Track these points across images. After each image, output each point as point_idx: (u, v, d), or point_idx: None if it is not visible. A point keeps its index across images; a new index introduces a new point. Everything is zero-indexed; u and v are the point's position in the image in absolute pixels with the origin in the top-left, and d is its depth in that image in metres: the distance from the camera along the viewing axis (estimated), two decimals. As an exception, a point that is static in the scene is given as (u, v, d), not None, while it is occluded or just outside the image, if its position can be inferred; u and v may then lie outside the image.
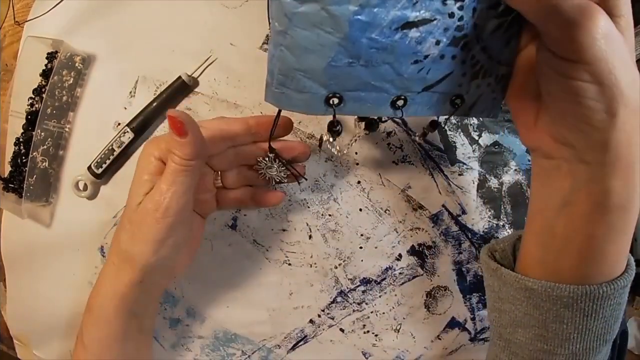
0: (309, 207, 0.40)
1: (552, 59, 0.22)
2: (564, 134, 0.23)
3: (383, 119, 0.36)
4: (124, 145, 0.39)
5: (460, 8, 0.24)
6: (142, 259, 0.29)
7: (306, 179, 0.35)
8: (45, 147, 0.40)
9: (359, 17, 0.22)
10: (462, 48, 0.25)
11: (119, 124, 0.40)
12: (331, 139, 0.29)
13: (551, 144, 0.25)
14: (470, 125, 0.42)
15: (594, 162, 0.23)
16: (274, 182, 0.34)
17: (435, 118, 0.32)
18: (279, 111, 0.30)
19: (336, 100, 0.25)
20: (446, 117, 0.28)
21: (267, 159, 0.32)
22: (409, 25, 0.23)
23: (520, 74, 0.27)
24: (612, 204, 0.23)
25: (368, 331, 0.42)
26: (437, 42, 0.24)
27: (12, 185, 0.40)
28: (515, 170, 0.43)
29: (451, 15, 0.24)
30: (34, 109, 0.40)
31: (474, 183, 0.42)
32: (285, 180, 0.34)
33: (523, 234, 0.29)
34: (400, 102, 0.26)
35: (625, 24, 0.22)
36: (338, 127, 0.29)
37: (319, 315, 0.42)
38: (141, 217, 0.28)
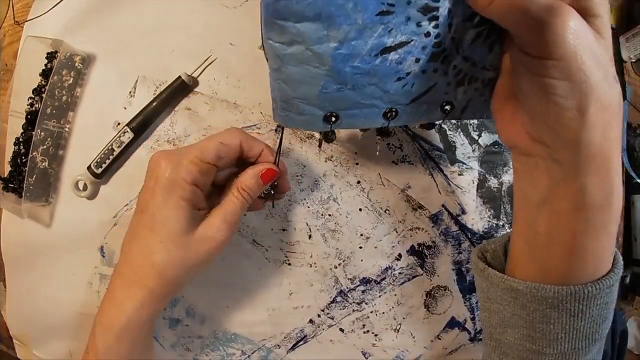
0: (309, 207, 0.40)
1: (525, 58, 0.22)
2: (539, 133, 0.24)
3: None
4: (124, 145, 0.39)
5: (436, 27, 0.25)
6: (178, 282, 0.30)
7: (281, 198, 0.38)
8: (45, 147, 0.40)
9: (339, 51, 0.24)
10: (443, 62, 0.26)
11: (119, 124, 0.40)
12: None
13: (528, 142, 0.25)
14: (470, 125, 0.42)
15: (566, 162, 0.23)
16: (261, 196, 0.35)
17: None
18: (283, 130, 0.34)
19: (334, 119, 0.28)
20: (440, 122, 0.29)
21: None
22: (387, 50, 0.25)
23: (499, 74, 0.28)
24: (588, 202, 0.23)
25: (368, 331, 0.42)
26: (417, 60, 0.26)
27: (12, 185, 0.40)
28: (515, 170, 0.43)
29: (427, 34, 0.25)
30: (34, 109, 0.40)
31: (474, 183, 0.42)
32: (264, 196, 0.36)
33: (511, 234, 0.29)
34: (391, 114, 0.28)
35: (602, 24, 0.22)
36: (332, 136, 0.32)
37: (319, 316, 0.42)
38: (197, 248, 0.30)
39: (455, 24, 0.25)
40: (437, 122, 0.32)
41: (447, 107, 0.28)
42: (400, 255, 0.41)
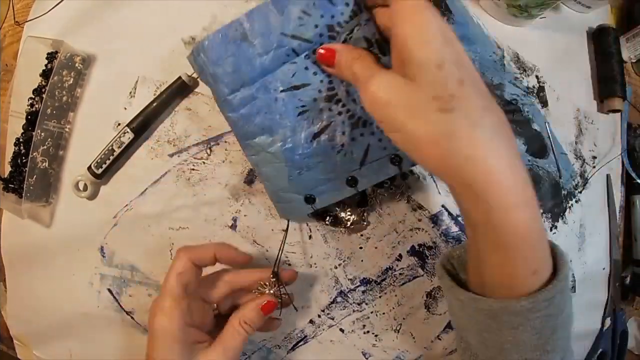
0: (309, 207, 0.40)
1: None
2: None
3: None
4: (124, 146, 0.39)
5: (343, 105, 0.32)
6: None
7: (296, 309, 0.38)
8: (45, 147, 0.40)
9: (285, 147, 0.33)
10: (364, 125, 0.32)
11: (119, 124, 0.40)
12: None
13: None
14: (470, 125, 0.42)
15: (448, 185, 0.24)
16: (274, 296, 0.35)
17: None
18: (288, 222, 0.38)
19: (312, 199, 0.35)
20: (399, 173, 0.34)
21: (268, 283, 0.35)
22: (317, 135, 0.33)
23: None
24: (471, 222, 0.24)
25: (368, 331, 0.42)
26: (343, 133, 0.33)
27: (12, 186, 0.40)
28: (515, 170, 0.43)
29: (340, 113, 0.32)
30: (34, 109, 0.40)
31: (474, 183, 0.42)
32: (280, 301, 0.35)
33: None
34: (352, 181, 0.34)
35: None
36: (328, 219, 0.38)
37: (319, 316, 0.42)
38: None
39: (357, 97, 0.31)
40: (399, 172, 0.34)
41: (396, 159, 0.33)
42: (400, 256, 0.41)
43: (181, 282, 0.31)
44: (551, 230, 0.44)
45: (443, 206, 0.41)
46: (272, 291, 0.35)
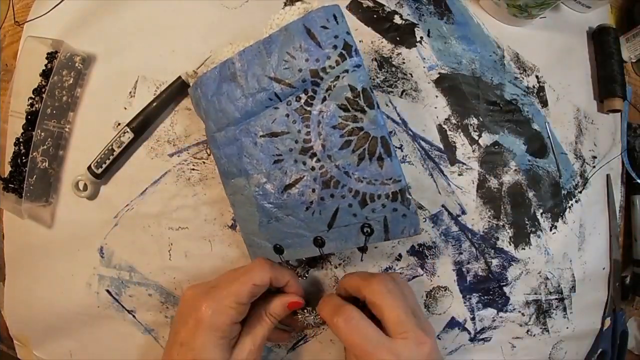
0: (308, 207, 0.40)
1: None
2: None
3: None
4: (123, 145, 0.39)
5: (318, 160, 0.31)
6: None
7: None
8: (45, 147, 0.40)
9: (257, 193, 0.33)
10: (335, 186, 0.31)
11: (119, 124, 0.40)
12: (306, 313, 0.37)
13: None
14: (470, 125, 0.42)
15: None
16: (309, 327, 0.38)
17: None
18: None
19: (281, 251, 0.34)
20: (364, 245, 0.32)
21: (308, 309, 0.37)
22: (288, 186, 0.32)
23: None
24: None
25: (368, 331, 0.42)
26: (313, 190, 0.31)
27: (12, 185, 0.40)
28: (515, 170, 0.43)
29: (313, 168, 0.31)
30: (34, 109, 0.40)
31: (473, 183, 0.42)
32: (318, 326, 0.39)
33: None
34: (319, 241, 0.33)
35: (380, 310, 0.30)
36: (303, 274, 0.40)
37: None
38: None
39: (334, 153, 0.31)
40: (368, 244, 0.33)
41: (367, 229, 0.31)
42: (400, 255, 0.41)
43: (253, 293, 0.32)
44: (551, 230, 0.44)
45: (443, 206, 0.41)
46: (313, 315, 0.36)
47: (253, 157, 0.33)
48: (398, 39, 0.42)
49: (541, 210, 0.44)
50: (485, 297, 0.43)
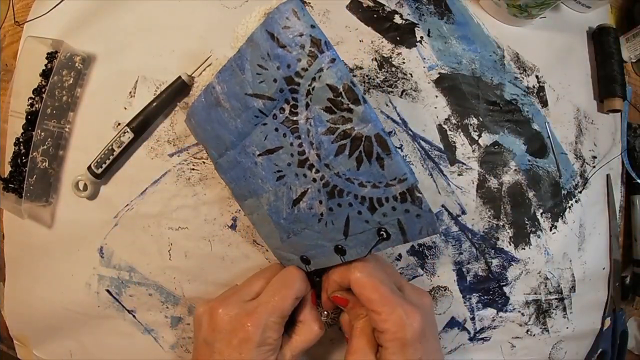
0: (308, 207, 0.40)
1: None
2: None
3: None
4: (123, 145, 0.39)
5: (317, 171, 0.30)
6: None
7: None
8: (45, 147, 0.40)
9: (270, 211, 0.33)
10: (340, 195, 0.29)
11: (119, 124, 0.40)
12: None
13: None
14: (470, 125, 0.42)
15: None
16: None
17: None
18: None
19: (307, 261, 0.34)
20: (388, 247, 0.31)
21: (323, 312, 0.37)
22: (296, 201, 0.31)
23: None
24: None
25: (368, 331, 0.42)
26: (320, 202, 0.30)
27: (12, 185, 0.40)
28: (515, 170, 0.43)
29: (314, 180, 0.30)
30: (34, 109, 0.40)
31: (473, 183, 0.42)
32: (332, 324, 0.39)
33: None
34: (340, 250, 0.31)
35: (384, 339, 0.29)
36: (317, 279, 0.37)
37: (320, 315, 0.42)
38: None
39: (330, 160, 0.29)
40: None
41: (383, 233, 0.29)
42: (400, 255, 0.41)
43: (294, 305, 0.32)
44: (551, 230, 0.44)
45: (443, 206, 0.41)
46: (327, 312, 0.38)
47: (257, 177, 0.32)
48: (398, 38, 0.42)
49: (541, 210, 0.44)
50: (485, 297, 0.43)
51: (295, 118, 0.29)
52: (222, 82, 0.31)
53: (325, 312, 0.36)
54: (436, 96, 0.42)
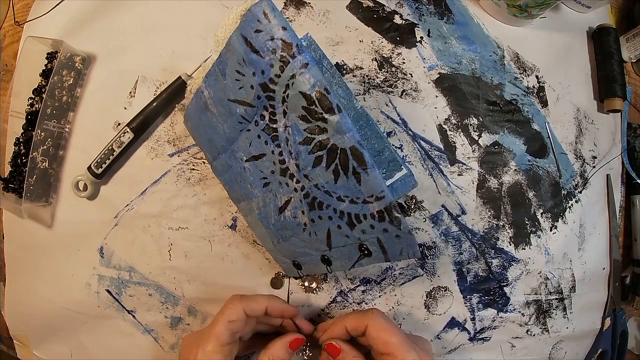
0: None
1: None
2: None
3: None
4: (123, 145, 0.39)
5: (297, 181, 0.29)
6: None
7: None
8: (45, 147, 0.40)
9: (260, 215, 0.33)
10: (320, 207, 0.29)
11: (119, 124, 0.40)
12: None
13: None
14: (470, 125, 0.42)
15: None
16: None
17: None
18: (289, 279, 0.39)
19: (299, 267, 0.34)
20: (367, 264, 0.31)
21: (307, 345, 0.38)
22: (282, 209, 0.31)
23: None
24: None
25: (368, 331, 0.42)
26: (303, 212, 0.30)
27: (12, 185, 0.40)
28: (515, 170, 0.43)
29: (295, 190, 0.29)
30: (34, 109, 0.40)
31: (473, 183, 0.42)
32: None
33: None
34: (326, 260, 0.31)
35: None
36: (312, 286, 0.39)
37: (319, 315, 0.42)
38: None
39: (308, 173, 0.28)
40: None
41: (365, 250, 0.29)
42: (400, 255, 0.41)
43: (231, 330, 0.32)
44: (551, 230, 0.44)
45: (443, 206, 0.41)
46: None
47: (246, 182, 0.32)
48: (398, 39, 0.42)
49: (541, 210, 0.44)
50: (486, 297, 0.43)
51: (274, 125, 0.28)
52: (209, 87, 0.30)
53: (307, 352, 0.37)
54: (436, 96, 0.42)
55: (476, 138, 0.42)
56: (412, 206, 0.40)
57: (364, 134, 0.34)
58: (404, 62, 0.41)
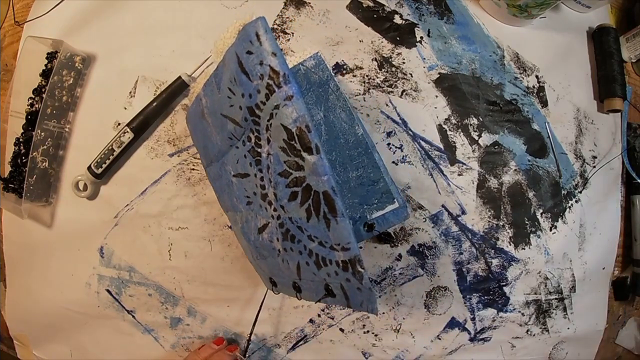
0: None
1: None
2: None
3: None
4: (123, 145, 0.39)
5: (275, 210, 0.28)
6: None
7: None
8: (45, 147, 0.40)
9: (243, 229, 0.33)
10: (292, 240, 0.28)
11: (119, 124, 0.40)
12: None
13: None
14: (470, 125, 0.42)
15: None
16: None
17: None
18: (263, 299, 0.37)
19: (275, 284, 0.34)
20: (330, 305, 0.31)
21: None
22: (261, 229, 0.31)
23: None
24: None
25: (368, 331, 0.42)
26: (278, 239, 0.29)
27: (12, 185, 0.40)
28: (515, 170, 0.43)
29: (272, 216, 0.29)
30: (34, 109, 0.40)
31: (473, 183, 0.42)
32: None
33: None
34: (297, 287, 0.31)
35: None
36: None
37: (319, 315, 0.42)
38: None
39: (284, 205, 0.27)
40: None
41: (330, 291, 0.28)
42: (400, 256, 0.41)
43: None
44: (551, 230, 0.44)
45: (443, 206, 0.41)
46: None
47: (233, 195, 0.32)
48: (398, 38, 0.42)
49: (541, 210, 0.44)
50: (486, 297, 0.43)
51: (259, 150, 0.27)
52: (206, 96, 0.30)
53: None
54: (436, 96, 0.42)
55: (476, 138, 0.42)
56: (401, 237, 0.40)
57: (359, 163, 0.35)
58: (404, 62, 0.41)
